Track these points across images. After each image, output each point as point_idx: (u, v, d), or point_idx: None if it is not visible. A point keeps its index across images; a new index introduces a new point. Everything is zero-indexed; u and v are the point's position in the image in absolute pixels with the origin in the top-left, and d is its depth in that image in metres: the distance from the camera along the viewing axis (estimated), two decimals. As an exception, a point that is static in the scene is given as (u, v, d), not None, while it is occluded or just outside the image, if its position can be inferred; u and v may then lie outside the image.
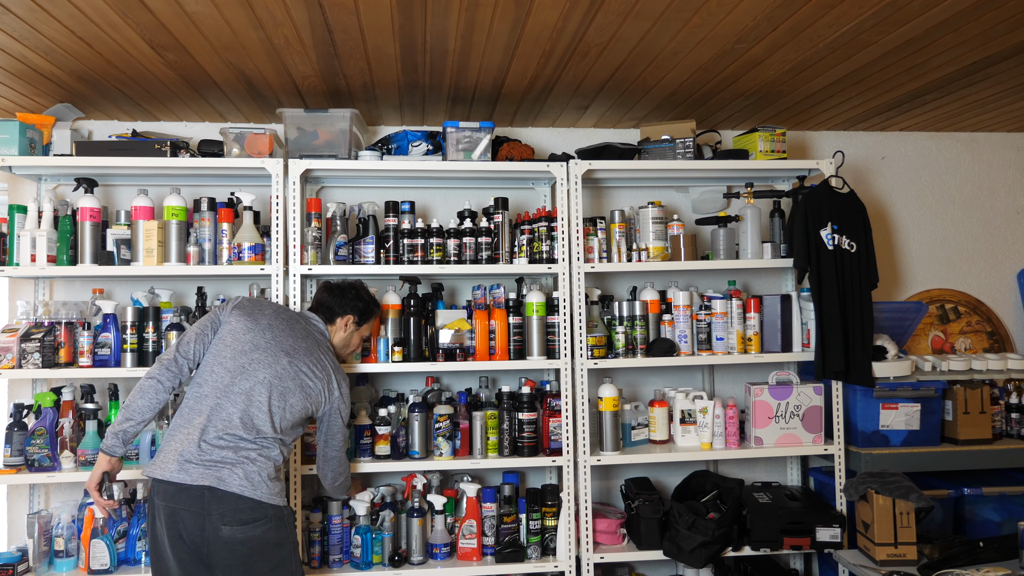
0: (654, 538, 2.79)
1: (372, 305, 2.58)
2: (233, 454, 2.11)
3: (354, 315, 2.52)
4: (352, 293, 2.53)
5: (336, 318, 2.50)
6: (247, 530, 2.08)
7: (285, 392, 2.23)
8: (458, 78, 2.71)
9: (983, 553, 2.59)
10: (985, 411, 2.95)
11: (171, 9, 2.08)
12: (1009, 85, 2.90)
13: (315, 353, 2.35)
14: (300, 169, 2.75)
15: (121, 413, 2.17)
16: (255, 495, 2.09)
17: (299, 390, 2.26)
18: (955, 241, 3.60)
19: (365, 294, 2.56)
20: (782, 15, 2.21)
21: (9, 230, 2.70)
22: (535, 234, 2.90)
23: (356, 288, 2.55)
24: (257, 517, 2.09)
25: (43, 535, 2.66)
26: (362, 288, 2.58)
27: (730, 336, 2.96)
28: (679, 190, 3.37)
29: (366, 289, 2.59)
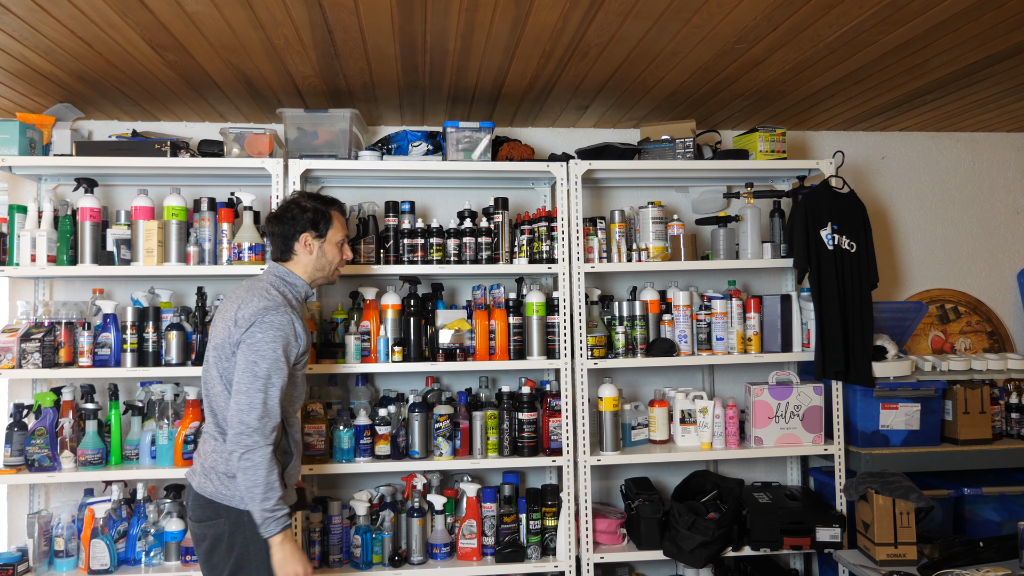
0: (654, 538, 2.79)
1: (322, 205, 2.23)
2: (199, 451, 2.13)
3: (308, 229, 2.18)
4: (292, 209, 2.19)
5: (293, 245, 2.19)
6: (202, 527, 2.05)
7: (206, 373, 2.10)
8: (458, 78, 2.71)
9: (983, 553, 2.59)
10: (985, 411, 2.95)
11: (171, 9, 2.08)
12: (1009, 85, 2.90)
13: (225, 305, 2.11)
14: (300, 169, 2.75)
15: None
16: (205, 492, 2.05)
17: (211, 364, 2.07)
18: (955, 241, 3.60)
19: (306, 201, 2.22)
20: (782, 15, 2.21)
21: (9, 230, 2.70)
22: (535, 234, 2.90)
23: (293, 202, 2.22)
24: (210, 516, 2.04)
25: (43, 535, 2.66)
26: (301, 197, 2.25)
27: (730, 336, 2.96)
28: (679, 190, 3.37)
29: (306, 195, 2.27)
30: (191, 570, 2.61)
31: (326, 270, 2.25)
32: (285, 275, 2.19)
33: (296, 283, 2.20)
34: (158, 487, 2.87)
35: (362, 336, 2.77)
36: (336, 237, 2.25)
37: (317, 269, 2.23)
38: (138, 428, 2.73)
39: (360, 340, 2.76)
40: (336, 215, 2.26)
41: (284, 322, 2.03)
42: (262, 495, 1.94)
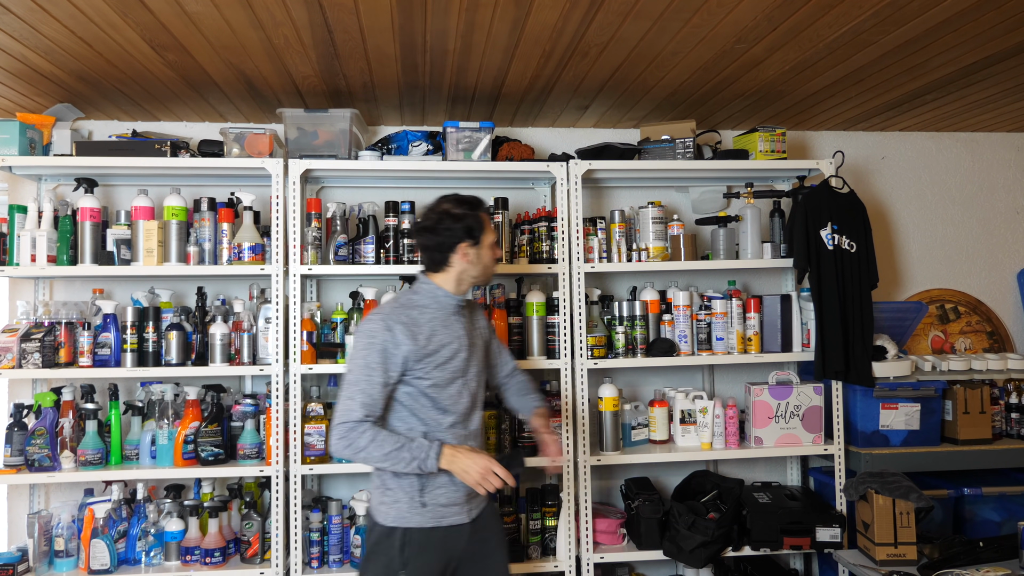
0: (654, 538, 2.79)
1: (470, 209, 2.10)
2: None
3: (464, 239, 2.07)
4: (445, 221, 2.07)
5: (449, 257, 2.08)
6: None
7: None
8: (458, 78, 2.71)
9: (983, 553, 2.59)
10: (985, 411, 2.95)
11: (171, 9, 2.08)
12: (1009, 85, 2.90)
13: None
14: (300, 169, 2.75)
15: None
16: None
17: None
18: (955, 241, 3.60)
19: (455, 208, 2.09)
20: (782, 15, 2.21)
21: (9, 230, 2.70)
22: (535, 234, 2.90)
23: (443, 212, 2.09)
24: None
25: (43, 535, 2.66)
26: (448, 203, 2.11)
27: (730, 336, 2.96)
28: (679, 190, 3.37)
29: (452, 199, 2.12)
30: (191, 570, 2.61)
31: (481, 274, 2.14)
32: (425, 286, 2.11)
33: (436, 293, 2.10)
34: (158, 487, 2.87)
35: (362, 336, 2.77)
36: (489, 240, 2.13)
37: (472, 276, 2.12)
38: (138, 428, 2.74)
39: (360, 340, 2.76)
40: (484, 217, 2.14)
41: (377, 328, 1.99)
42: (392, 463, 1.93)
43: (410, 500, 2.00)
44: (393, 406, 2.04)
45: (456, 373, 2.06)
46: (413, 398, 2.02)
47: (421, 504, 2.00)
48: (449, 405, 2.05)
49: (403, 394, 2.03)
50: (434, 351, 2.01)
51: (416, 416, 2.03)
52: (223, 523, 2.69)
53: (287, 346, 2.70)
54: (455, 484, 2.02)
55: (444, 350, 2.03)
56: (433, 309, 2.07)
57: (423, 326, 2.02)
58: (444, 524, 2.02)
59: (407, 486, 2.01)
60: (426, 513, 2.00)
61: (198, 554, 2.64)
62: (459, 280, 2.11)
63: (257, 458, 2.68)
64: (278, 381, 2.68)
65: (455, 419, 2.06)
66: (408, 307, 2.05)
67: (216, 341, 2.68)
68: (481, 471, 1.93)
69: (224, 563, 2.66)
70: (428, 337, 2.01)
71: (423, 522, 2.00)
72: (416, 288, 2.12)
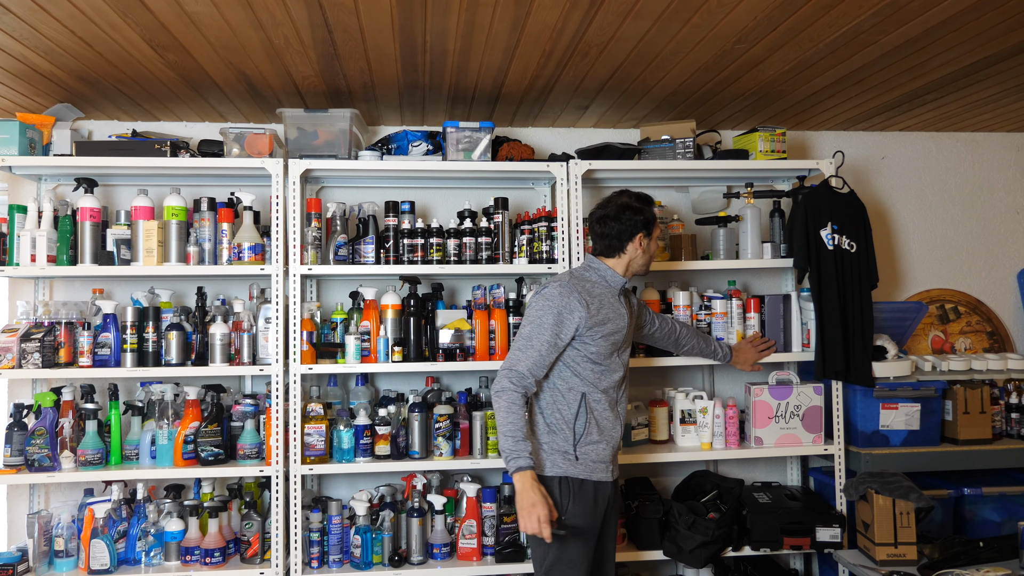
0: (654, 538, 2.79)
1: (647, 205, 2.38)
2: None
3: (641, 230, 2.34)
4: (626, 212, 2.33)
5: (626, 245, 2.34)
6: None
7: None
8: (458, 78, 2.71)
9: (983, 553, 2.59)
10: (985, 411, 2.95)
11: (171, 9, 2.08)
12: (1009, 85, 2.90)
13: None
14: (300, 169, 2.75)
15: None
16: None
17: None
18: (955, 241, 3.60)
19: (635, 202, 2.36)
20: (782, 15, 2.21)
21: (9, 230, 2.70)
22: (535, 234, 2.90)
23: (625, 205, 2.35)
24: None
25: (43, 535, 2.66)
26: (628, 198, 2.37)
27: (730, 336, 2.96)
28: (679, 190, 3.37)
29: (631, 195, 2.38)
30: (191, 570, 2.61)
31: (646, 263, 2.41)
32: (596, 267, 2.36)
33: (606, 274, 2.35)
34: (158, 487, 2.87)
35: (362, 336, 2.77)
36: (657, 234, 2.44)
37: (640, 265, 2.39)
38: (138, 428, 2.74)
39: (360, 340, 2.76)
40: (656, 214, 2.44)
41: (554, 294, 2.23)
42: (503, 433, 2.14)
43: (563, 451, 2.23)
44: (558, 365, 2.26)
45: (616, 346, 2.30)
46: (577, 362, 2.25)
47: (575, 457, 2.23)
48: (608, 372, 2.29)
49: (569, 357, 2.25)
50: (602, 322, 2.24)
51: (578, 376, 2.25)
52: (223, 523, 2.69)
53: (287, 346, 2.70)
54: (604, 443, 2.26)
55: (610, 324, 2.26)
56: (602, 287, 2.32)
57: (596, 298, 2.27)
58: (594, 478, 2.25)
59: (561, 440, 2.23)
60: (576, 464, 2.23)
61: (198, 554, 2.64)
62: (628, 266, 2.37)
63: (257, 458, 2.68)
64: (278, 381, 2.68)
65: (610, 384, 2.29)
66: (584, 281, 2.30)
67: (216, 341, 2.68)
68: (532, 506, 2.09)
69: (224, 563, 2.66)
70: (599, 308, 2.25)
71: (576, 473, 2.22)
72: (587, 267, 2.37)
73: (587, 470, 2.24)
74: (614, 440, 2.30)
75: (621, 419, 2.35)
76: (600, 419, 2.27)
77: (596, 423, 2.26)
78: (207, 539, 2.66)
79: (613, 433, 2.30)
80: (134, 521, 2.70)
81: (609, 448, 2.28)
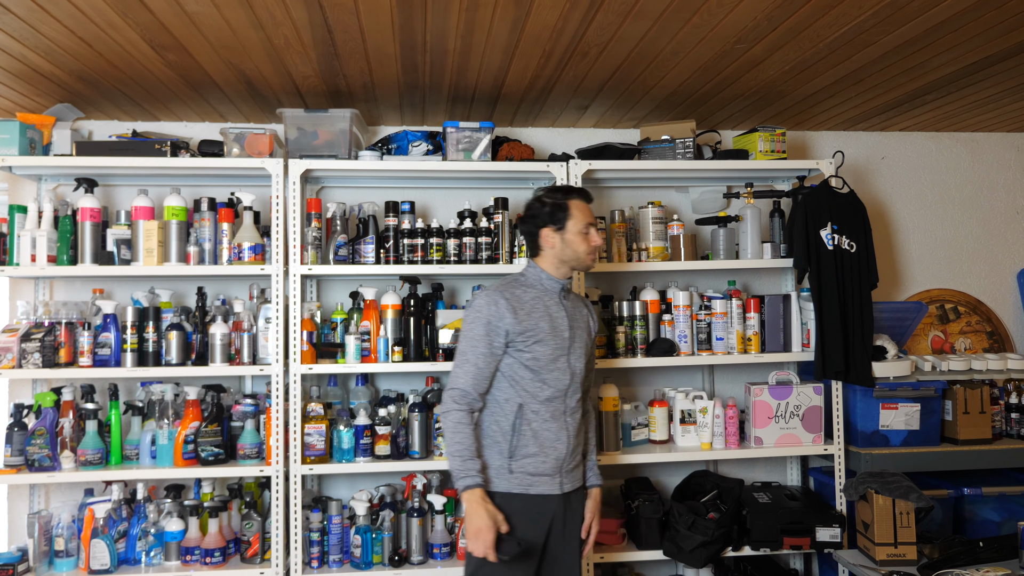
0: (654, 538, 2.79)
1: (561, 197, 2.24)
2: None
3: (547, 224, 2.22)
4: (534, 207, 2.25)
5: (539, 241, 2.24)
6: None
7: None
8: (458, 78, 2.71)
9: (983, 553, 2.59)
10: (985, 411, 2.95)
11: (171, 9, 2.08)
12: (1009, 85, 2.90)
13: None
14: (300, 169, 2.75)
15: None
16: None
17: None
18: (955, 241, 3.60)
19: (547, 196, 2.25)
20: (782, 15, 2.21)
21: (9, 230, 2.70)
22: (535, 234, 2.89)
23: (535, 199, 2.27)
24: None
25: (43, 535, 2.66)
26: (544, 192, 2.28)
27: (730, 336, 2.96)
28: (679, 190, 3.37)
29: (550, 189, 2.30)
30: (191, 570, 2.62)
31: (573, 259, 2.23)
32: (531, 269, 2.27)
33: (541, 275, 2.25)
34: (158, 487, 2.87)
35: (362, 336, 2.77)
36: (576, 227, 2.21)
37: (564, 260, 2.23)
38: (138, 428, 2.74)
39: (360, 340, 2.77)
40: (575, 204, 2.24)
41: (482, 303, 2.16)
42: (450, 454, 2.10)
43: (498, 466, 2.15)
44: (496, 376, 2.18)
45: (559, 351, 2.19)
46: (514, 371, 2.16)
47: (509, 471, 2.14)
48: (550, 380, 2.17)
49: (506, 366, 2.17)
50: (532, 327, 2.15)
51: (515, 387, 2.16)
52: (223, 523, 2.69)
53: (287, 346, 2.70)
54: (544, 456, 2.15)
55: (543, 326, 2.17)
56: (537, 290, 2.23)
57: (525, 303, 2.18)
58: (533, 492, 2.15)
59: (495, 454, 2.16)
60: (511, 478, 2.14)
61: (198, 554, 2.64)
62: (557, 264, 2.24)
63: (257, 458, 2.68)
64: (278, 381, 2.68)
65: (554, 393, 2.18)
66: (514, 286, 2.22)
67: (216, 341, 2.68)
68: (477, 532, 2.05)
69: (224, 563, 2.66)
70: (528, 313, 2.16)
71: (510, 487, 2.14)
72: (524, 271, 2.29)
73: (523, 484, 2.13)
74: (558, 452, 2.16)
75: (571, 430, 2.20)
76: (539, 431, 2.15)
77: (534, 435, 2.14)
78: (207, 539, 2.66)
79: (557, 445, 2.16)
80: (134, 521, 2.70)
81: (551, 461, 2.15)
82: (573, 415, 2.22)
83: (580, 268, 2.28)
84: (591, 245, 2.23)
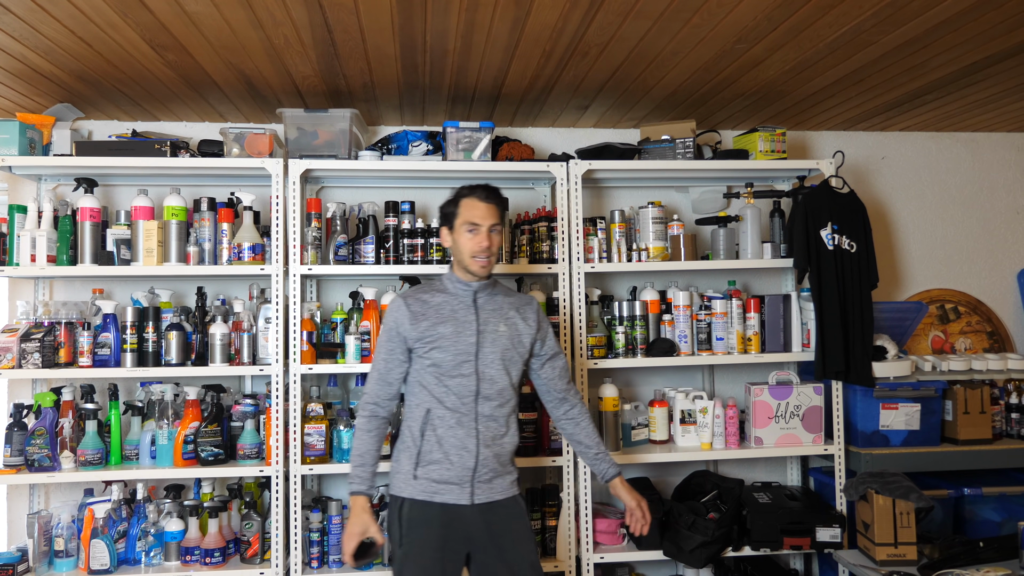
0: (654, 538, 2.78)
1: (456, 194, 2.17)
2: None
3: (443, 224, 2.19)
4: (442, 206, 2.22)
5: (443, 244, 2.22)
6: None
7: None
8: (458, 78, 2.71)
9: (983, 553, 2.59)
10: (985, 411, 2.95)
11: (171, 9, 2.08)
12: (1009, 85, 2.90)
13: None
14: (300, 169, 2.75)
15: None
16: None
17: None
18: (955, 241, 3.60)
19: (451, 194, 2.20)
20: (782, 15, 2.21)
21: (9, 230, 2.70)
22: (535, 234, 2.90)
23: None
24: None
25: (43, 535, 2.66)
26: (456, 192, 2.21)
27: (730, 336, 2.96)
28: (679, 190, 3.37)
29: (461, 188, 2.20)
30: (191, 570, 2.61)
31: (462, 260, 2.14)
32: (446, 272, 2.24)
33: (451, 277, 2.19)
34: (158, 487, 2.87)
35: (362, 336, 2.77)
36: (461, 225, 2.12)
37: (459, 260, 2.16)
38: (138, 428, 2.74)
39: (360, 340, 2.76)
40: (465, 201, 2.14)
41: (389, 309, 2.18)
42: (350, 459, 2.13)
43: (406, 471, 2.11)
44: (409, 380, 2.17)
45: (462, 356, 2.11)
46: (422, 374, 2.13)
47: (414, 476, 2.10)
48: (453, 386, 2.11)
49: (415, 370, 2.15)
50: (430, 332, 2.10)
51: (424, 392, 2.13)
52: (223, 523, 2.69)
53: (287, 346, 2.70)
54: (448, 463, 2.08)
55: (443, 331, 2.11)
56: (448, 293, 2.18)
57: (431, 308, 2.14)
58: (438, 500, 2.07)
59: (406, 459, 2.13)
60: (416, 485, 2.09)
61: (198, 554, 2.64)
62: (458, 266, 2.18)
63: (257, 458, 2.68)
64: (278, 381, 2.68)
65: (459, 400, 2.11)
66: (426, 290, 2.20)
67: (216, 341, 2.68)
68: (345, 537, 2.08)
69: (224, 563, 2.66)
70: (429, 318, 2.12)
71: (415, 494, 2.09)
72: (443, 274, 2.26)
73: (428, 491, 2.07)
74: (464, 461, 2.07)
75: (483, 437, 2.10)
76: (444, 437, 2.08)
77: (439, 441, 2.08)
78: (207, 539, 2.65)
79: (463, 453, 2.07)
80: (134, 521, 2.70)
81: (456, 469, 2.07)
82: (487, 422, 2.11)
83: (472, 269, 2.13)
84: (477, 246, 2.10)
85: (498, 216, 2.15)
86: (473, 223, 2.11)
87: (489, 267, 2.15)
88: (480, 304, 2.17)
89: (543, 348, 2.28)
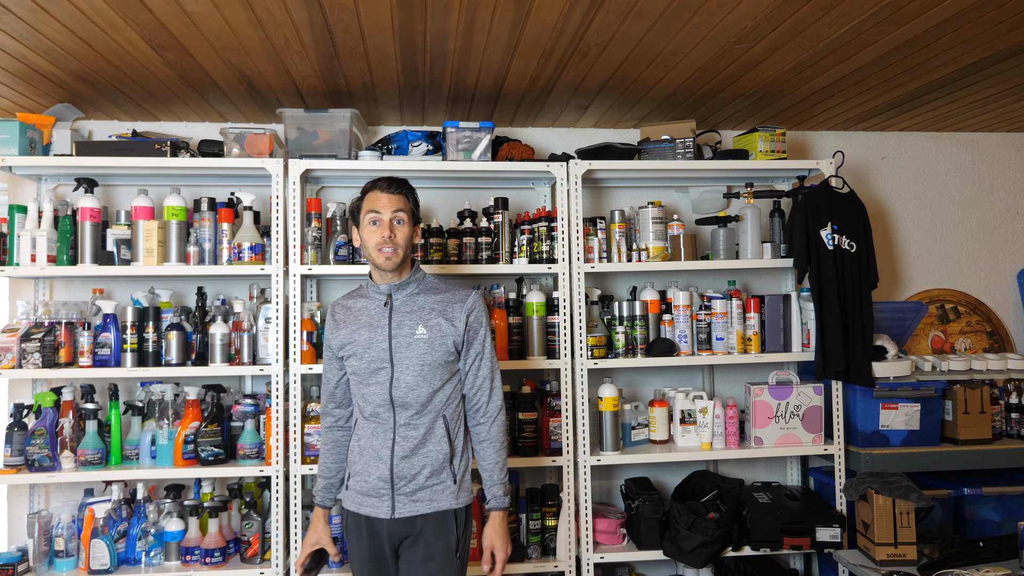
0: (654, 538, 2.79)
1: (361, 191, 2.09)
2: None
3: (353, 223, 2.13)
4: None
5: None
6: None
7: None
8: (458, 78, 2.71)
9: (983, 553, 2.59)
10: (985, 411, 2.95)
11: (171, 9, 2.08)
12: (1009, 85, 2.90)
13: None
14: (300, 169, 2.75)
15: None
16: None
17: None
18: (955, 241, 3.60)
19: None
20: (782, 15, 2.21)
21: (9, 230, 2.70)
22: (535, 234, 2.90)
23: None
24: None
25: (43, 535, 2.66)
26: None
27: (730, 336, 2.96)
28: (679, 190, 3.37)
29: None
30: (191, 570, 2.61)
31: (368, 254, 2.05)
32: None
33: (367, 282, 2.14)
34: (158, 487, 2.87)
35: (362, 336, 2.77)
36: (363, 217, 2.04)
37: (368, 258, 2.06)
38: (138, 428, 2.74)
39: (360, 340, 2.76)
40: (370, 194, 2.04)
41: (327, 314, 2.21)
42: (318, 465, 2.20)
43: (346, 481, 2.14)
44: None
45: (376, 364, 2.02)
46: (352, 382, 2.13)
47: (346, 487, 2.12)
48: (368, 394, 2.04)
49: (347, 378, 2.16)
50: (348, 340, 2.08)
51: (356, 398, 2.12)
52: (223, 523, 2.69)
53: (287, 346, 2.70)
54: (367, 474, 2.04)
55: (358, 338, 2.05)
56: (368, 298, 2.12)
57: (352, 313, 2.11)
58: (363, 512, 2.06)
59: (348, 469, 2.15)
60: (347, 495, 2.10)
61: (198, 554, 2.64)
62: (372, 267, 2.09)
63: (257, 458, 2.68)
64: (278, 381, 2.68)
65: (375, 408, 2.03)
66: (353, 295, 2.17)
67: (216, 341, 2.68)
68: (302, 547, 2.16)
69: (224, 563, 2.66)
70: (349, 324, 2.09)
71: (347, 504, 2.11)
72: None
73: (354, 502, 2.05)
74: (380, 472, 1.99)
75: (402, 449, 1.99)
76: (364, 447, 2.03)
77: (360, 451, 2.05)
78: (207, 539, 2.66)
79: (379, 464, 1.99)
80: (134, 521, 2.70)
81: (372, 480, 2.00)
82: (405, 431, 2.00)
83: (377, 265, 2.03)
84: (379, 236, 1.99)
85: (404, 205, 2.03)
86: (375, 211, 2.01)
87: (395, 260, 2.01)
88: (396, 306, 2.05)
89: (468, 353, 2.09)
